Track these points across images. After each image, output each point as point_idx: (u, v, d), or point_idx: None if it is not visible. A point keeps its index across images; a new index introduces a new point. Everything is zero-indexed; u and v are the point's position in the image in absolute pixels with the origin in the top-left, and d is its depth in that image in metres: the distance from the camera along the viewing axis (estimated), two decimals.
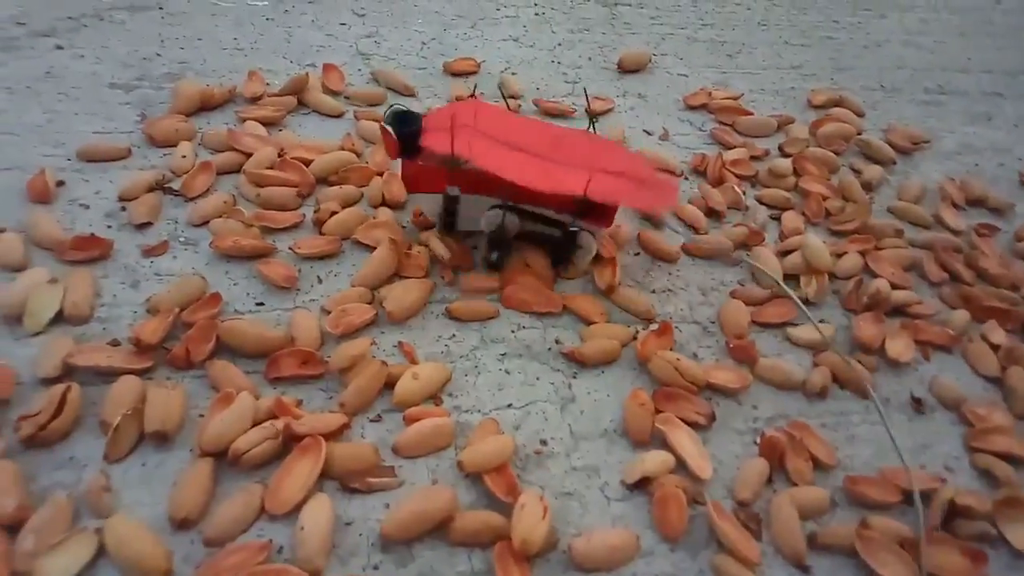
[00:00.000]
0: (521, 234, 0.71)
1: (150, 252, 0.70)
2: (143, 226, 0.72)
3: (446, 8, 1.14)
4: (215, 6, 1.06)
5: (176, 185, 0.76)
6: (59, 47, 0.93)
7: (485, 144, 0.65)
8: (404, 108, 0.67)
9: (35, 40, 0.93)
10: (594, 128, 0.71)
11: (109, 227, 0.72)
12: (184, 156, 0.78)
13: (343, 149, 0.83)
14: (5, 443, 0.53)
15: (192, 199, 0.75)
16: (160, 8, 1.03)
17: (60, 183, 0.75)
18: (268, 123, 0.85)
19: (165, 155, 0.80)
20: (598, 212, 0.70)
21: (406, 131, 0.65)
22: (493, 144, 0.66)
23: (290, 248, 0.71)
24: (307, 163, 0.79)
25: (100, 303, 0.65)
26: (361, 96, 0.92)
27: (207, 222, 0.73)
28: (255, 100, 0.88)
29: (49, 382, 0.58)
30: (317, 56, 0.99)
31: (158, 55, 0.94)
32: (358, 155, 0.83)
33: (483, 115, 0.68)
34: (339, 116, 0.90)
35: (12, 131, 0.80)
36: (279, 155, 0.79)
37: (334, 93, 0.92)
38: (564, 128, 0.72)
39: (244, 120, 0.85)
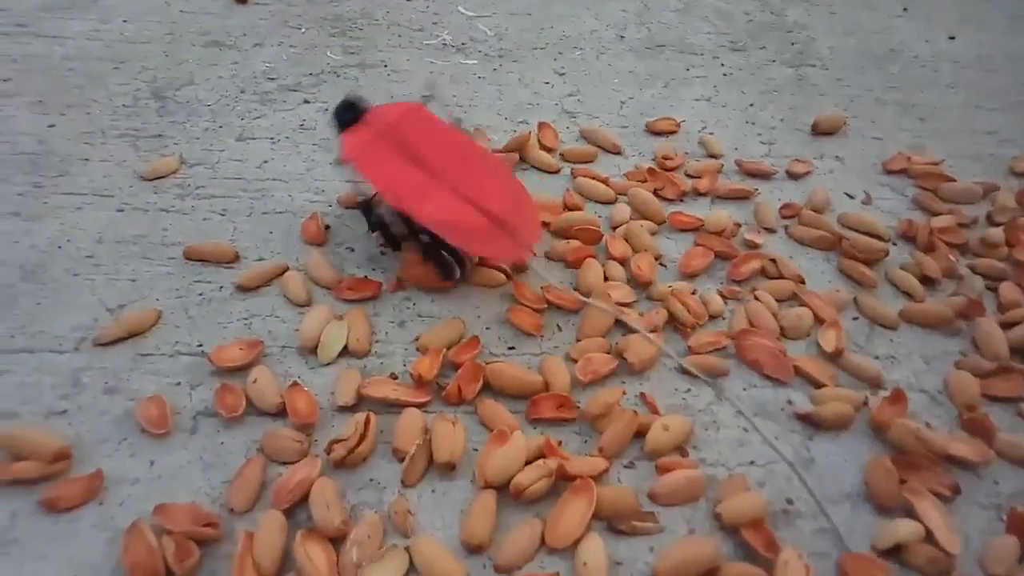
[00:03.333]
0: (411, 233, 0.79)
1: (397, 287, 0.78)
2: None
3: (639, 68, 1.20)
4: (432, 64, 1.16)
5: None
6: (306, 101, 1.04)
7: (380, 151, 0.75)
8: (356, 98, 0.78)
9: (286, 94, 1.05)
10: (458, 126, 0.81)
11: (373, 270, 0.80)
12: None
13: (566, 207, 0.89)
14: (322, 463, 0.61)
15: None
16: (385, 66, 1.14)
17: (327, 227, 0.84)
18: None
19: None
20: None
21: (343, 118, 0.77)
22: (390, 152, 0.75)
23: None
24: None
25: (375, 339, 0.73)
26: (575, 154, 0.99)
27: None
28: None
29: (345, 409, 0.65)
30: (528, 113, 1.07)
31: None
32: (579, 210, 0.89)
33: (410, 118, 0.77)
34: (555, 172, 0.96)
35: (280, 177, 0.91)
36: None
37: (549, 150, 0.99)
38: (478, 153, 0.79)
39: None
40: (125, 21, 1.16)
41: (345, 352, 0.71)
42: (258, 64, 1.11)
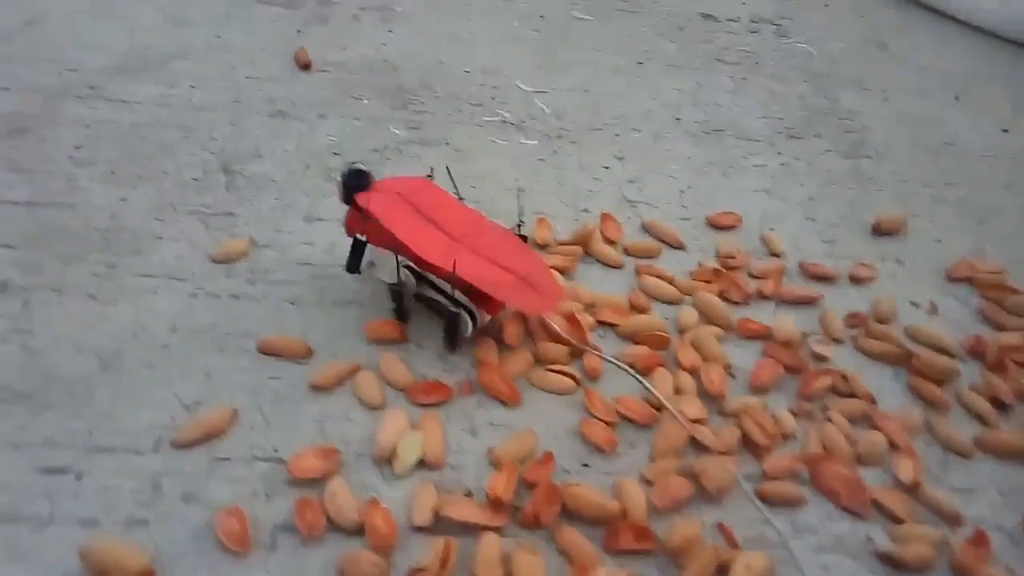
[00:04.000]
0: (421, 299, 0.82)
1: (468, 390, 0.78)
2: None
3: (696, 154, 1.20)
4: (492, 143, 1.17)
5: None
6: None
7: (400, 210, 0.77)
8: (361, 168, 0.80)
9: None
10: (519, 230, 0.83)
11: (443, 370, 0.80)
12: None
13: (633, 307, 0.89)
14: None
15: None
16: (447, 143, 1.15)
17: (398, 319, 0.84)
18: (560, 270, 0.93)
19: None
20: (482, 297, 0.78)
21: (352, 184, 0.79)
22: (410, 212, 0.77)
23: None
24: (610, 323, 0.86)
25: (447, 448, 0.73)
26: (638, 248, 0.99)
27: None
28: (544, 247, 0.96)
29: (422, 529, 0.65)
30: (588, 200, 1.07)
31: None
32: (646, 311, 0.89)
33: (423, 191, 0.80)
34: (619, 267, 0.96)
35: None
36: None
37: (612, 243, 0.99)
38: (487, 223, 0.81)
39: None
40: (192, 87, 1.18)
41: (420, 462, 0.71)
42: (323, 137, 1.12)
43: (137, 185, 0.98)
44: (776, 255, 1.01)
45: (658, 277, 0.94)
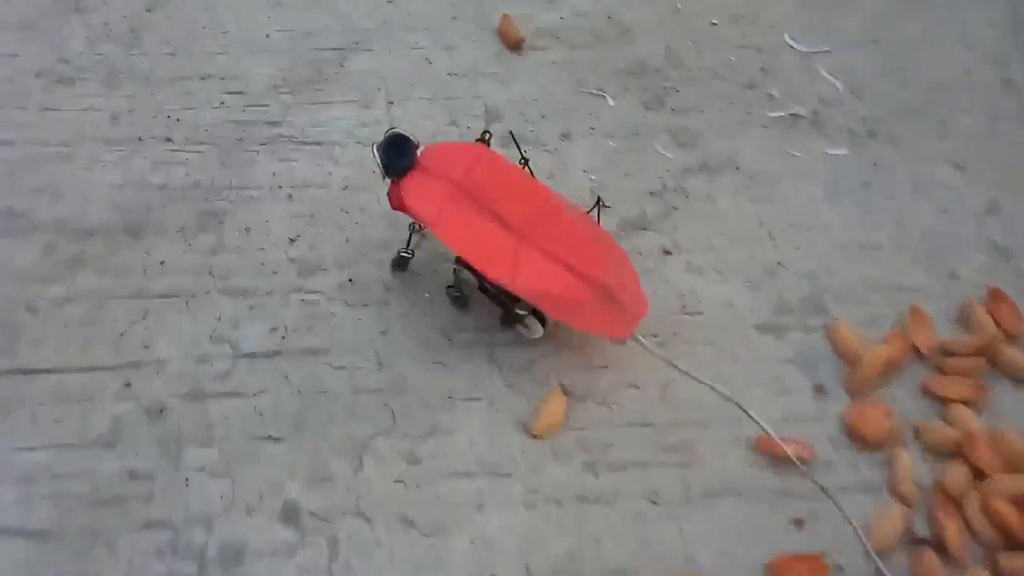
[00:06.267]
0: (485, 291, 0.71)
1: None
2: None
3: None
4: (792, 159, 0.88)
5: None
6: (667, 252, 0.80)
7: (457, 211, 0.65)
8: (403, 134, 0.66)
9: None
10: (529, 169, 0.70)
11: None
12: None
13: None
14: None
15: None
16: (737, 167, 0.86)
17: None
18: (963, 402, 0.70)
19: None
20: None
21: (396, 164, 0.66)
22: (467, 211, 0.65)
23: None
24: None
25: None
26: None
27: None
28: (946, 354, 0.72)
29: None
30: (949, 254, 0.80)
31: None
32: None
33: (481, 168, 0.66)
34: None
35: None
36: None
37: (1012, 337, 0.74)
38: (559, 203, 0.67)
39: (947, 400, 0.69)
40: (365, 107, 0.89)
41: None
42: (579, 176, 0.85)
43: None
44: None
45: None
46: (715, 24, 1.00)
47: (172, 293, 0.72)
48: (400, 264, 0.74)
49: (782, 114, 0.91)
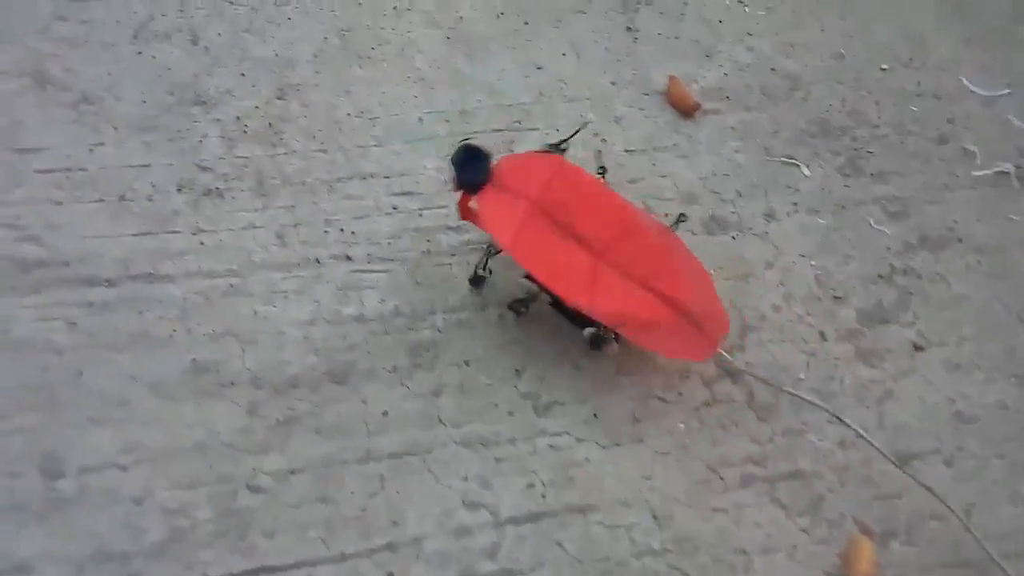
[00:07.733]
0: (556, 307, 0.68)
1: None
2: None
3: None
4: (1011, 224, 0.81)
5: None
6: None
7: (534, 231, 0.63)
8: (476, 147, 0.64)
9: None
10: (603, 175, 0.70)
11: None
12: None
13: None
14: None
15: None
16: (959, 240, 0.80)
17: None
18: None
19: None
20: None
21: (470, 180, 0.64)
22: (544, 231, 0.63)
23: None
24: None
25: None
26: None
27: None
28: None
29: None
30: None
31: None
32: None
33: (558, 183, 0.64)
34: None
35: None
36: None
37: None
38: (640, 220, 0.66)
39: None
40: None
41: None
42: (804, 269, 0.78)
43: None
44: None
45: None
46: (884, 70, 0.92)
47: (405, 451, 0.64)
48: (477, 282, 0.71)
49: (987, 172, 0.85)
